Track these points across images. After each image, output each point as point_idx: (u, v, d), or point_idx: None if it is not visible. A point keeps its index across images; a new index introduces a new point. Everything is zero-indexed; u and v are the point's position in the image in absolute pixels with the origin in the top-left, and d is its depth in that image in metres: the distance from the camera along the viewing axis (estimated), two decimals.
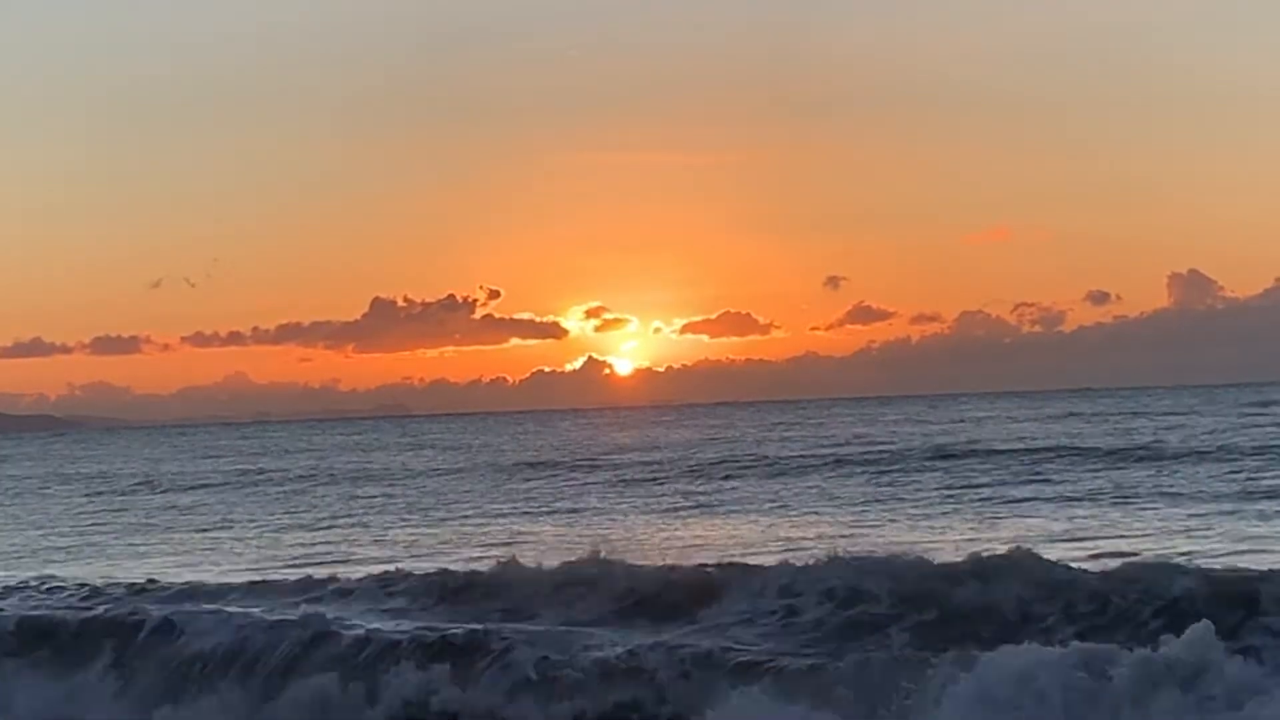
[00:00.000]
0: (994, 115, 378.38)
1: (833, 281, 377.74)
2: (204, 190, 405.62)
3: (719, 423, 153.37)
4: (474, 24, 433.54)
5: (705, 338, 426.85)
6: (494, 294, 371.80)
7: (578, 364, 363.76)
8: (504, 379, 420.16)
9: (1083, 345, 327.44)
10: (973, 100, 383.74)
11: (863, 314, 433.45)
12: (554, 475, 75.00)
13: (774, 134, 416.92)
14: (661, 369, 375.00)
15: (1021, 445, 76.71)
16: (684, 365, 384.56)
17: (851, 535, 39.31)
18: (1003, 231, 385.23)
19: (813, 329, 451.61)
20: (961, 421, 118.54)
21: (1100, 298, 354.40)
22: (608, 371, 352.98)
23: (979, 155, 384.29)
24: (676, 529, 45.46)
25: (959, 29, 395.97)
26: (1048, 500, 48.23)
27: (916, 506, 48.45)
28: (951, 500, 50.17)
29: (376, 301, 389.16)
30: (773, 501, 53.48)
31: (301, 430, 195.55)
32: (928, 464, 67.55)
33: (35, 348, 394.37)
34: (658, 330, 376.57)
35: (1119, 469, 58.89)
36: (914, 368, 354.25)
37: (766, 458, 77.74)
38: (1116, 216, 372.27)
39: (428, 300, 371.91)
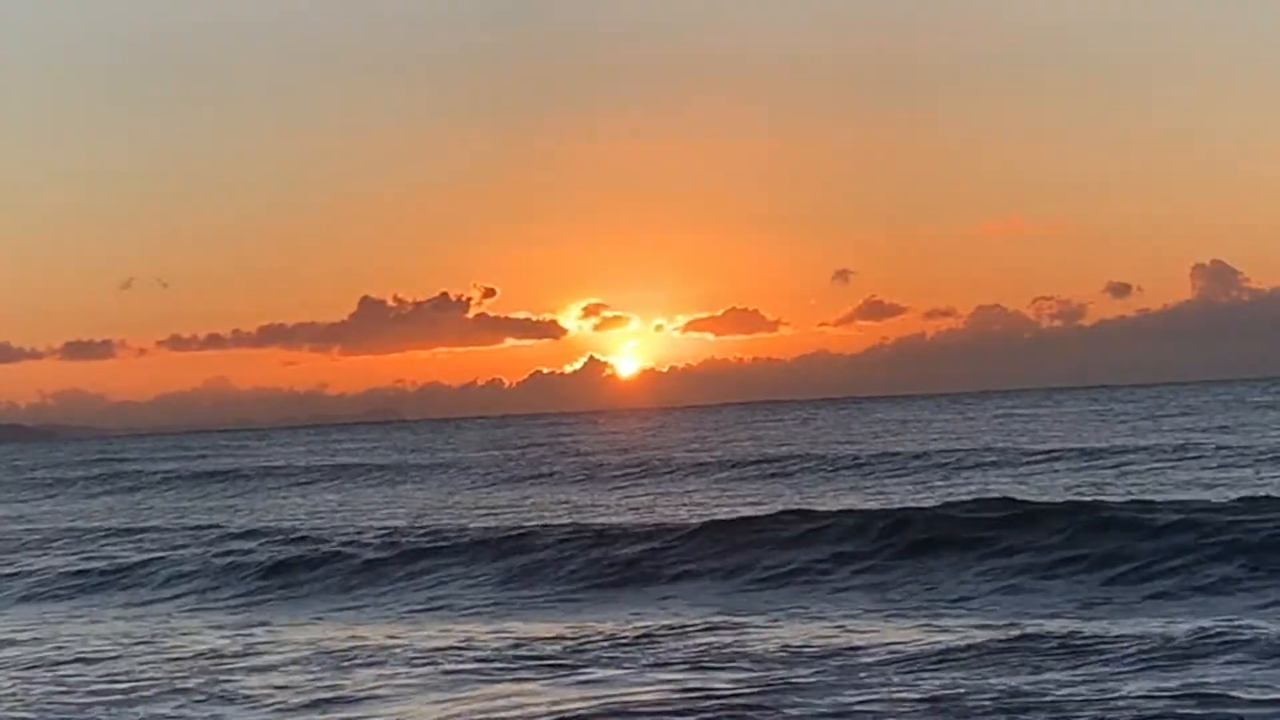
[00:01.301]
0: (1006, 104, 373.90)
1: (841, 276, 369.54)
2: (178, 185, 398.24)
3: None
4: (462, 15, 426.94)
5: (709, 336, 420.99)
6: (489, 292, 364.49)
7: (577, 365, 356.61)
8: (500, 381, 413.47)
9: (1104, 340, 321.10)
10: (983, 89, 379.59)
11: (874, 309, 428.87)
12: None
13: (778, 123, 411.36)
14: (664, 369, 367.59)
15: None
16: (688, 365, 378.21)
17: None
18: (1016, 223, 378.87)
19: (821, 325, 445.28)
20: None
21: (1121, 290, 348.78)
22: (608, 372, 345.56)
23: (990, 145, 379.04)
24: None
25: (971, 17, 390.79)
26: None
27: None
28: None
29: (365, 301, 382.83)
30: None
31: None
32: None
33: (3, 353, 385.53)
34: (659, 328, 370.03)
35: None
36: (929, 365, 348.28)
37: None
38: (1136, 206, 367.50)
39: (419, 299, 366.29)
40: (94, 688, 22.20)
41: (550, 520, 48.11)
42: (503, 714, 18.91)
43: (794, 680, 19.83)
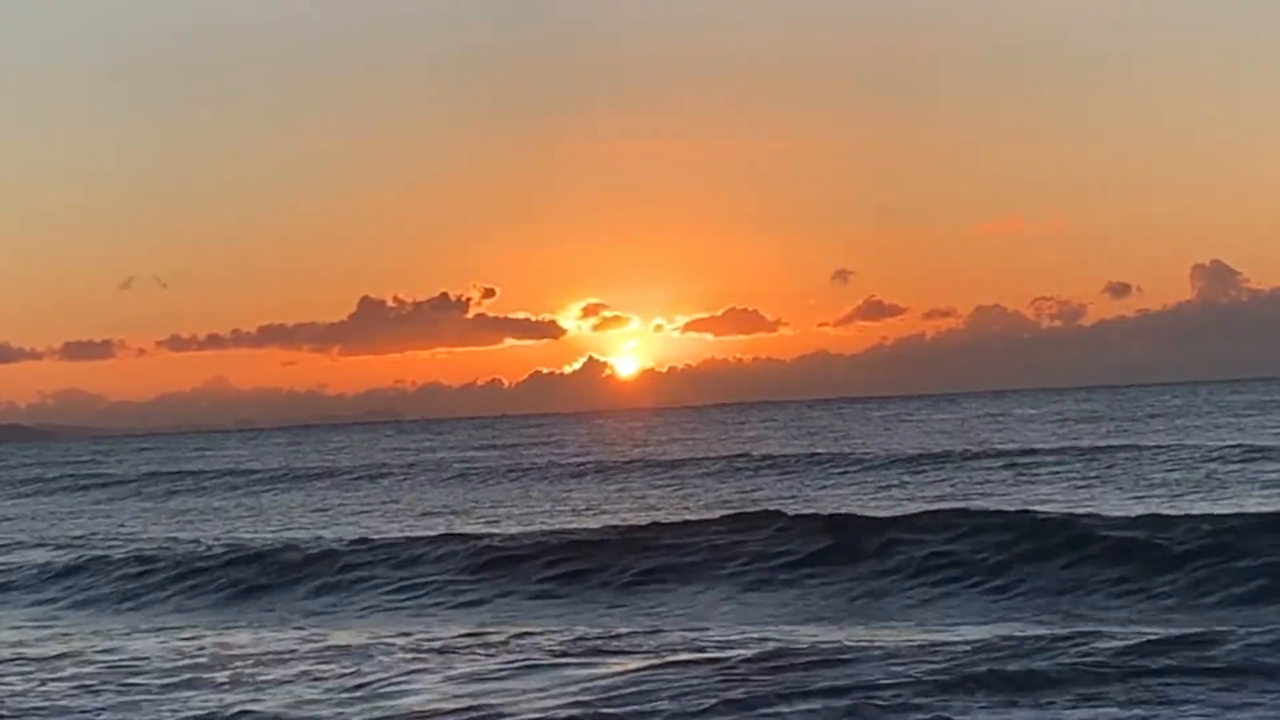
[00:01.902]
0: (1006, 104, 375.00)
1: (841, 276, 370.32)
2: (177, 185, 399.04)
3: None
4: (462, 15, 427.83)
5: (709, 336, 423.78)
6: (488, 292, 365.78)
7: (577, 365, 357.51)
8: (500, 381, 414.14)
9: (1104, 340, 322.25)
10: (983, 89, 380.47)
11: (873, 310, 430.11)
12: None
13: (778, 123, 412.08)
14: (664, 369, 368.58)
15: None
16: (687, 365, 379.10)
17: None
18: (1016, 223, 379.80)
19: (821, 325, 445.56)
20: None
21: (1121, 290, 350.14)
22: (608, 373, 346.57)
23: (990, 145, 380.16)
24: None
25: (971, 17, 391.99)
26: None
27: None
28: None
29: (364, 301, 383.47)
30: None
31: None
32: None
33: (3, 353, 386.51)
34: (659, 328, 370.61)
35: None
36: (929, 365, 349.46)
37: None
38: (1136, 206, 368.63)
39: (419, 299, 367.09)
40: (126, 682, 23.22)
41: (531, 523, 49.64)
42: (529, 699, 20.33)
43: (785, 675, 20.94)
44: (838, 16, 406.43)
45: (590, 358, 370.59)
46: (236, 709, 20.77)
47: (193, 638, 28.22)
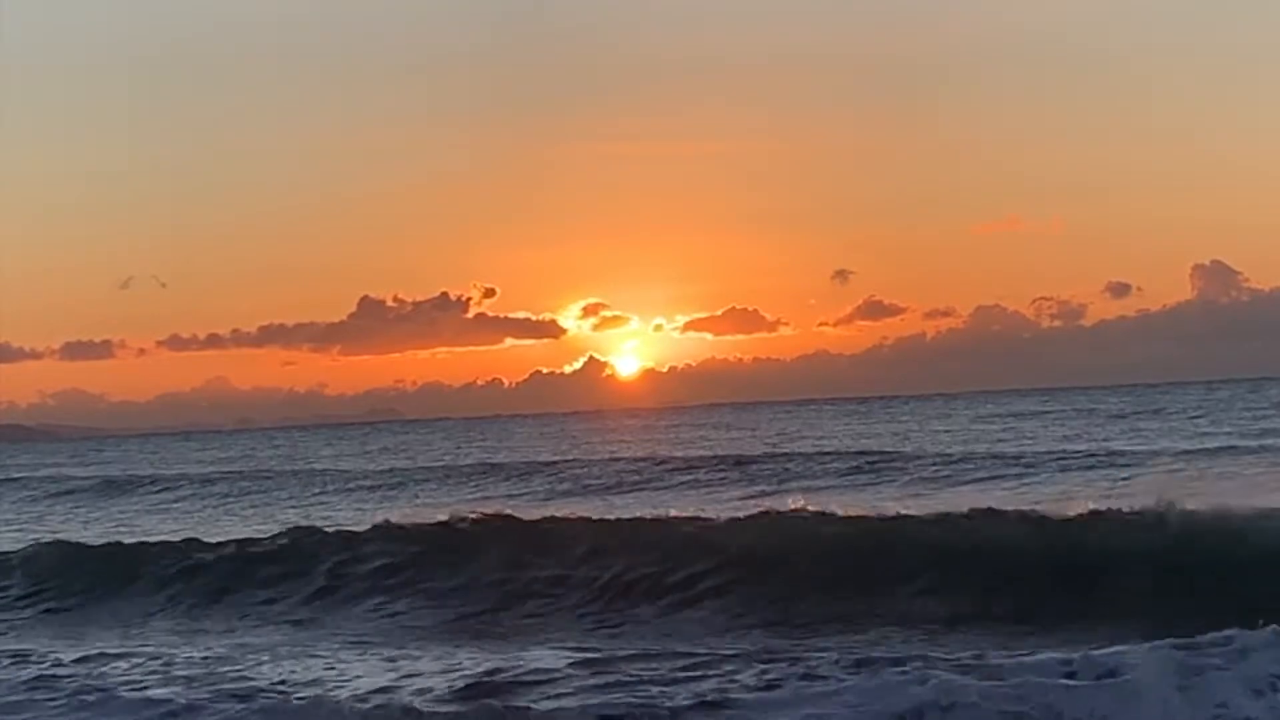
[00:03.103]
0: (1006, 104, 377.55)
1: (841, 276, 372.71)
2: (177, 185, 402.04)
3: None
4: (462, 15, 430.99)
5: (709, 336, 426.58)
6: (489, 292, 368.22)
7: (577, 365, 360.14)
8: (500, 381, 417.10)
9: (1104, 340, 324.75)
10: (983, 89, 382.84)
11: (873, 310, 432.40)
12: None
13: (778, 123, 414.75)
14: (664, 369, 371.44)
15: None
16: (687, 365, 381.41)
17: None
18: (1016, 223, 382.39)
19: (821, 325, 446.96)
20: None
21: (1121, 290, 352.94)
22: (608, 372, 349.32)
23: (990, 145, 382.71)
24: None
25: (971, 17, 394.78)
26: None
27: None
28: None
29: (364, 300, 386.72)
30: None
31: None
32: None
33: (3, 353, 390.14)
34: (659, 328, 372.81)
35: None
36: (929, 365, 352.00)
37: None
38: (1136, 206, 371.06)
39: (419, 299, 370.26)
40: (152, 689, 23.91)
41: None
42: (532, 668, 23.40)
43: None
44: (837, 16, 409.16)
45: (590, 357, 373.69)
46: None
47: None
